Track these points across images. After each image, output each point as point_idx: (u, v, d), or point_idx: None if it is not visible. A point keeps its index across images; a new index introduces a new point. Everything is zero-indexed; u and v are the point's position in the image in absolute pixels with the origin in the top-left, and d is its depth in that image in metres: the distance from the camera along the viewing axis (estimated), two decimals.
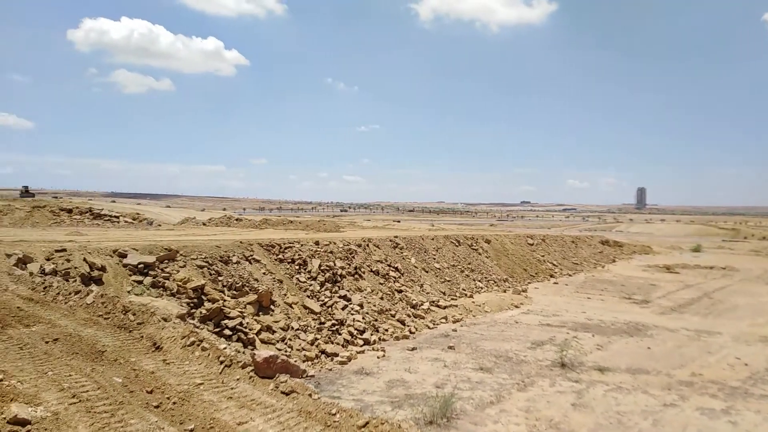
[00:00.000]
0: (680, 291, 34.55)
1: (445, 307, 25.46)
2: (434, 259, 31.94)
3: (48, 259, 14.98)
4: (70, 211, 38.29)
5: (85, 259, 15.26)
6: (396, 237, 32.13)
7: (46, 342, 9.24)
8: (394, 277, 26.21)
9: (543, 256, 44.50)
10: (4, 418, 6.44)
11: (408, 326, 21.92)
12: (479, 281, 32.43)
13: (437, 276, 29.77)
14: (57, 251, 15.57)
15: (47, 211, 37.24)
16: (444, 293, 27.85)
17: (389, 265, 27.19)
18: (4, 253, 14.55)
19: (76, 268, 14.75)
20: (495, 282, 33.68)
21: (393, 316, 22.30)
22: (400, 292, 25.01)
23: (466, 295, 28.87)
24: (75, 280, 14.09)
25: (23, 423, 6.41)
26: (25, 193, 63.37)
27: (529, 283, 36.65)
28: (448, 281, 29.80)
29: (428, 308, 24.64)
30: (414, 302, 24.48)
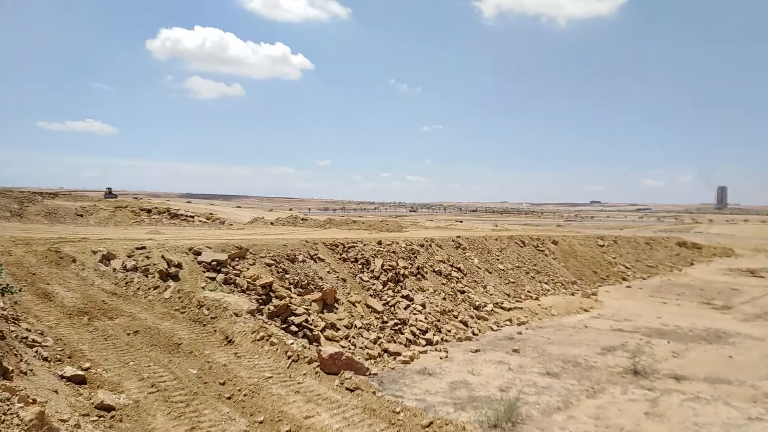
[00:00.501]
0: (766, 297, 32.09)
1: (509, 309, 24.98)
2: (498, 260, 31.40)
3: (129, 256, 16.01)
4: (149, 211, 40.73)
5: (163, 257, 16.19)
6: (458, 237, 31.85)
7: (128, 334, 9.89)
8: (457, 278, 26.01)
9: (614, 258, 42.66)
10: (93, 404, 6.96)
11: (471, 327, 21.69)
12: (545, 283, 31.56)
13: (501, 277, 29.24)
14: (137, 249, 16.62)
15: (129, 211, 39.80)
16: (508, 295, 27.32)
17: (452, 266, 27.00)
18: (90, 250, 15.71)
19: (155, 264, 15.68)
20: (562, 284, 32.66)
21: (456, 317, 22.13)
22: (462, 292, 24.79)
23: (531, 297, 28.18)
24: (154, 276, 14.98)
25: (108, 409, 6.90)
26: (109, 194, 67.89)
27: (599, 286, 35.27)
28: (513, 283, 29.20)
29: (492, 310, 24.26)
30: (477, 303, 24.18)
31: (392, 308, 20.50)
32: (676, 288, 35.34)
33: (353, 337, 17.38)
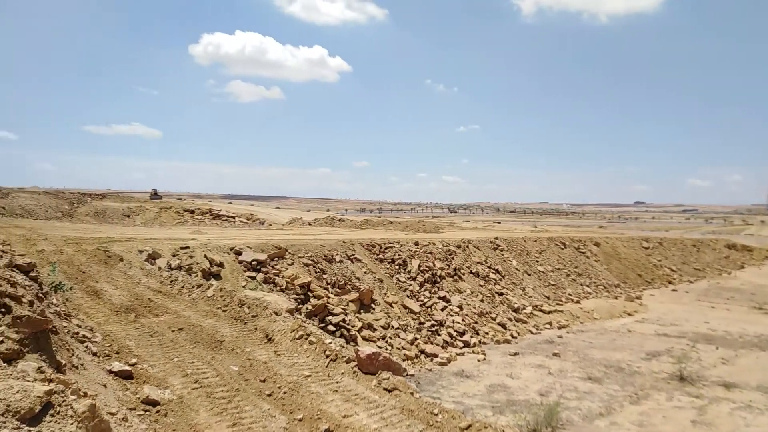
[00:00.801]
0: None
1: (549, 312, 24.50)
2: (537, 261, 30.84)
3: (174, 255, 16.48)
4: (192, 211, 41.89)
5: (205, 256, 16.60)
6: (496, 238, 31.45)
7: (173, 331, 10.18)
8: (495, 280, 25.69)
9: (660, 260, 41.28)
10: (139, 398, 7.19)
11: (509, 330, 21.39)
12: (587, 286, 30.81)
13: (541, 279, 28.72)
14: (181, 248, 17.09)
15: (173, 212, 41.03)
16: (548, 297, 26.80)
17: (489, 267, 26.69)
18: (137, 250, 16.25)
19: (197, 263, 16.09)
20: (605, 287, 31.83)
21: (494, 319, 21.87)
22: (501, 294, 24.47)
23: (572, 300, 27.56)
24: (197, 275, 15.38)
25: (153, 403, 7.12)
26: (154, 195, 70.17)
27: (643, 289, 34.21)
28: (553, 285, 28.63)
29: (531, 312, 23.85)
30: (516, 306, 23.82)
31: (429, 309, 20.42)
32: (725, 292, 33.92)
33: (390, 338, 17.39)
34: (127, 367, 7.92)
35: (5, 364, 5.26)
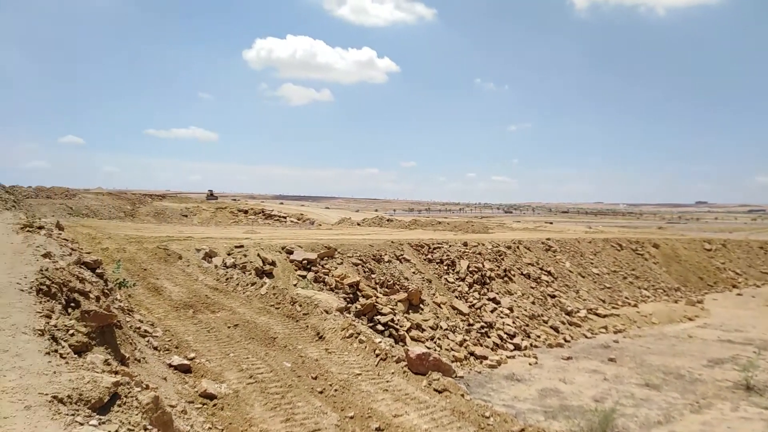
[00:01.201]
0: None
1: (604, 316, 23.72)
2: (592, 263, 29.91)
3: (229, 254, 16.99)
4: (246, 212, 43.14)
5: (258, 255, 17.03)
6: (548, 239, 30.71)
7: (228, 327, 10.50)
8: (547, 282, 25.09)
9: (723, 263, 39.15)
10: (197, 392, 7.46)
11: (562, 334, 20.84)
12: (645, 289, 29.61)
13: (595, 282, 27.82)
14: (236, 247, 17.61)
15: (228, 212, 42.38)
16: (603, 301, 25.93)
17: (541, 269, 26.09)
18: (194, 248, 16.86)
19: (251, 262, 16.53)
20: (664, 291, 30.50)
21: (545, 322, 21.36)
22: (553, 297, 23.87)
23: (629, 303, 26.56)
24: (250, 273, 15.80)
25: (211, 397, 7.36)
26: (210, 196, 72.74)
27: (705, 293, 32.54)
28: (608, 288, 27.68)
29: (585, 316, 23.15)
30: (569, 309, 23.18)
31: (478, 311, 20.17)
32: None
33: (439, 339, 17.30)
34: (185, 362, 8.23)
35: (76, 356, 5.57)
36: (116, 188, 60.02)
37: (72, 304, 6.97)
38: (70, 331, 6.02)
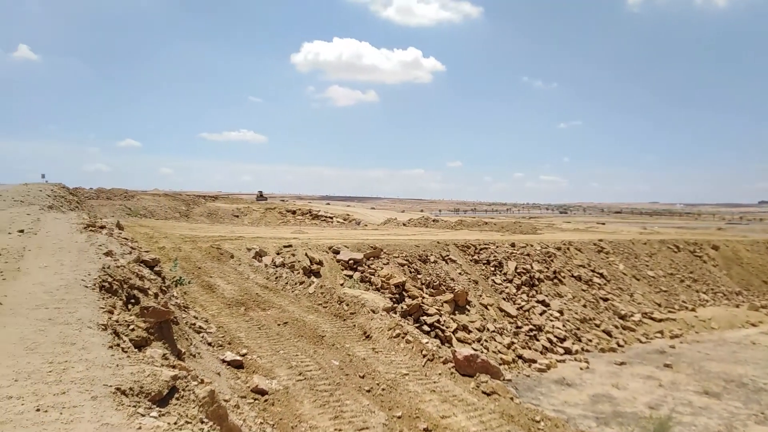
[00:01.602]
0: None
1: (660, 320, 22.80)
2: (647, 265, 28.79)
3: (278, 254, 17.36)
4: (294, 212, 43.96)
5: (306, 254, 17.32)
6: (601, 240, 29.78)
7: (278, 325, 10.73)
8: (599, 284, 24.33)
9: None
10: (249, 387, 7.65)
11: (615, 338, 20.17)
12: (704, 293, 28.26)
13: (650, 285, 26.77)
14: (285, 247, 17.97)
15: (276, 213, 43.30)
16: (659, 304, 24.92)
17: (593, 271, 25.33)
18: (245, 248, 17.31)
19: (299, 261, 16.83)
20: (724, 295, 29.01)
21: (597, 325, 20.73)
22: (605, 300, 23.13)
23: (686, 308, 25.42)
24: (299, 272, 16.08)
25: (262, 393, 7.54)
26: (260, 197, 74.61)
27: None
28: (664, 291, 26.58)
29: (639, 320, 22.33)
30: (622, 312, 22.41)
31: (527, 313, 19.79)
32: None
33: (485, 341, 17.08)
34: (238, 357, 8.47)
35: (136, 350, 5.82)
36: (172, 189, 62.39)
37: (132, 301, 7.29)
38: (131, 326, 6.30)
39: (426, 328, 16.04)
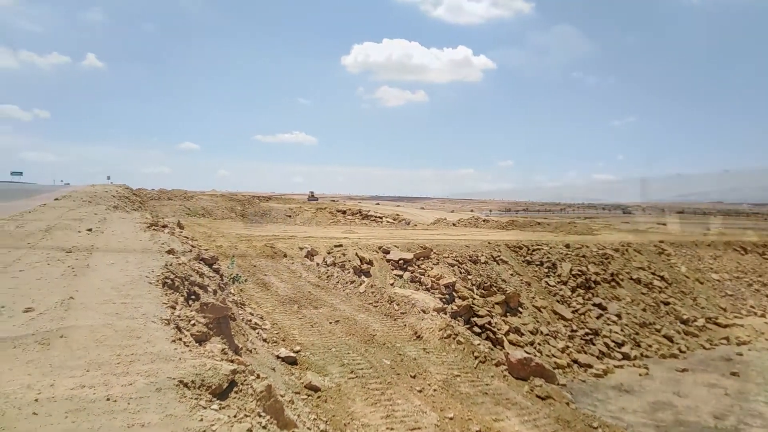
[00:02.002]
0: None
1: (725, 326, 21.58)
2: (711, 268, 27.34)
3: (329, 253, 17.60)
4: (344, 212, 44.46)
5: (356, 254, 17.47)
6: (661, 242, 28.52)
7: (330, 323, 10.88)
8: (659, 287, 23.30)
9: None
10: (302, 383, 7.80)
11: (677, 344, 19.25)
12: None
13: (715, 288, 25.40)
14: (335, 246, 18.19)
15: (327, 212, 43.92)
16: (724, 309, 23.61)
17: (653, 273, 24.28)
18: (298, 247, 17.66)
19: (350, 261, 17.00)
20: None
21: (658, 330, 19.86)
22: (666, 304, 22.12)
23: (755, 313, 23.96)
24: (349, 272, 16.25)
25: (315, 389, 7.66)
26: (311, 197, 75.97)
27: None
28: (730, 295, 25.15)
29: (703, 325, 21.22)
30: (684, 317, 21.37)
31: (582, 316, 19.20)
32: None
33: (539, 344, 16.70)
34: (292, 354, 8.65)
35: (197, 344, 6.05)
36: (228, 190, 64.44)
37: (192, 297, 7.58)
38: (192, 322, 6.54)
39: (477, 329, 15.85)
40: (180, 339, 5.58)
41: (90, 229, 10.76)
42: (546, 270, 21.38)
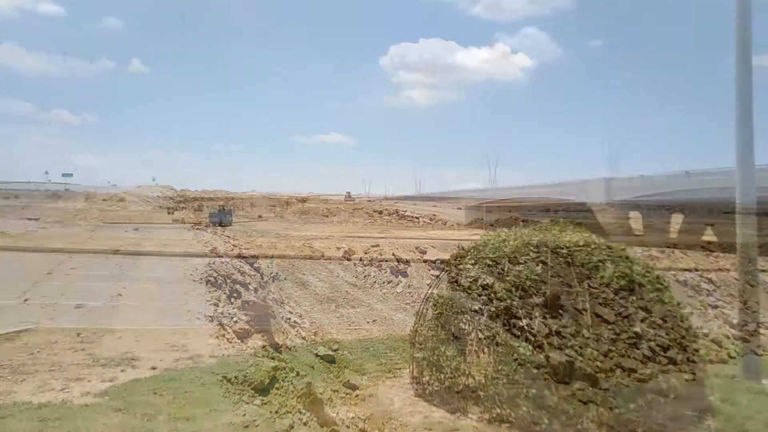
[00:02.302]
0: None
1: None
2: (763, 270, 26.11)
3: (365, 253, 17.68)
4: (381, 212, 44.62)
5: (393, 254, 17.49)
6: (709, 243, 27.42)
7: (367, 322, 10.95)
8: (707, 290, 22.39)
9: None
10: (340, 381, 7.87)
11: (726, 349, 18.46)
12: None
13: (767, 292, 24.25)
14: (372, 246, 18.26)
15: (364, 212, 44.17)
16: None
17: (701, 276, 23.37)
18: (335, 246, 17.81)
19: (386, 261, 17.03)
20: None
21: (706, 335, 19.10)
22: (714, 307, 21.25)
23: None
24: (385, 271, 16.29)
25: (353, 387, 7.73)
26: (348, 197, 76.53)
27: None
28: None
29: (755, 330, 20.28)
30: (734, 321, 20.48)
31: (626, 319, 18.63)
32: None
33: (580, 347, 16.28)
34: (330, 352, 8.75)
35: (239, 341, 6.19)
36: (267, 191, 65.55)
37: (234, 294, 7.75)
38: (234, 318, 6.70)
39: (515, 332, 15.58)
40: (223, 335, 5.73)
41: (137, 228, 11.16)
42: (588, 271, 20.84)
